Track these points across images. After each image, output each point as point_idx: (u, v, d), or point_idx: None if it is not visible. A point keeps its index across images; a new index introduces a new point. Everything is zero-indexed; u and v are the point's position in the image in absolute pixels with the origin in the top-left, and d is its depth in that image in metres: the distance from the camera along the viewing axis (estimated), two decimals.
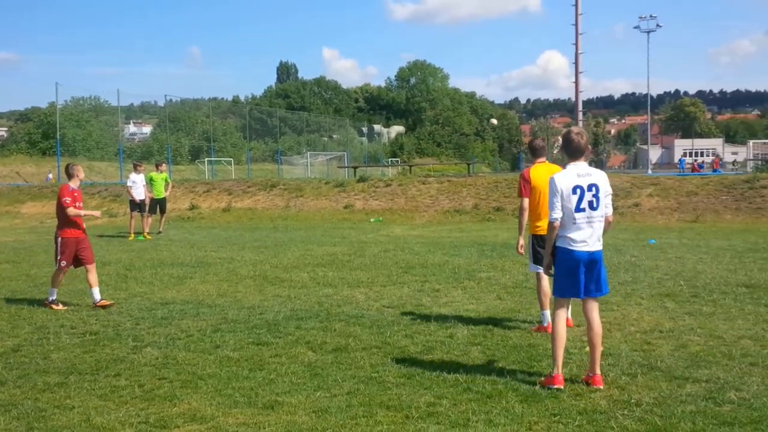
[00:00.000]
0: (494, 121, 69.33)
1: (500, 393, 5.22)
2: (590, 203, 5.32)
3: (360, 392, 5.31)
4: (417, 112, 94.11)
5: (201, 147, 56.00)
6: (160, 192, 19.27)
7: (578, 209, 5.32)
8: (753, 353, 6.17)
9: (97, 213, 10.51)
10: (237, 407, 5.05)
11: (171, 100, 59.43)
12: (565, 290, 5.48)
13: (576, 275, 5.38)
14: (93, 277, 8.99)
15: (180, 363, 6.22)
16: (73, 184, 9.16)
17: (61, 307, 8.76)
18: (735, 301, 8.52)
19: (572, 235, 5.35)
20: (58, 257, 8.98)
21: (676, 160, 70.91)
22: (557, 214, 5.37)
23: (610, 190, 5.41)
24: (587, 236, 5.33)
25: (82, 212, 9.11)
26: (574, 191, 5.31)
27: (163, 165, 21.17)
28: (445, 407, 4.94)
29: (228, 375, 5.83)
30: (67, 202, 8.93)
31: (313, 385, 5.50)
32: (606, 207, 5.38)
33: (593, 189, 5.32)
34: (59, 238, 8.99)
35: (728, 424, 4.50)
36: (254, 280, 10.85)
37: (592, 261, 5.36)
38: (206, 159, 49.89)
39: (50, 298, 8.87)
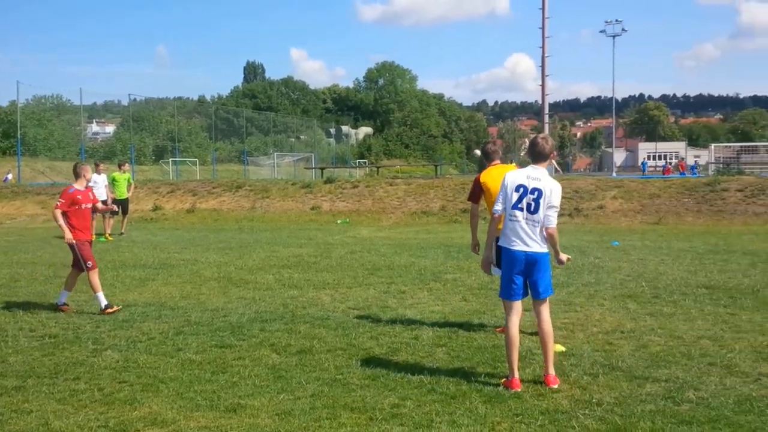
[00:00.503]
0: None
1: (464, 394, 5.24)
2: (529, 205, 5.42)
3: (324, 394, 5.29)
4: (385, 114, 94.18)
5: (165, 147, 55.26)
6: (123, 192, 18.99)
7: (515, 207, 5.45)
8: (712, 353, 6.28)
9: (68, 236, 8.63)
10: (199, 410, 4.99)
11: (135, 99, 58.44)
12: (505, 291, 5.56)
13: (512, 274, 5.47)
14: (74, 281, 8.77)
15: (141, 366, 6.12)
16: (79, 185, 8.85)
17: (116, 308, 8.45)
18: (695, 302, 8.66)
19: (508, 232, 5.50)
20: (83, 261, 8.61)
21: (640, 163, 71.92)
22: (498, 207, 5.58)
23: (555, 204, 5.41)
24: (522, 236, 5.42)
25: (60, 221, 8.59)
26: (517, 189, 5.46)
27: (126, 165, 20.92)
28: (409, 408, 4.94)
29: (190, 378, 5.75)
30: (58, 204, 8.66)
31: (277, 388, 5.46)
32: (548, 218, 5.40)
33: (535, 193, 5.41)
34: (74, 241, 8.66)
35: (687, 423, 4.57)
36: (218, 281, 10.75)
37: (531, 262, 5.43)
38: (170, 159, 49.26)
39: (102, 305, 8.46)
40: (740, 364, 5.91)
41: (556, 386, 5.34)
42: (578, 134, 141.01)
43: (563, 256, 5.62)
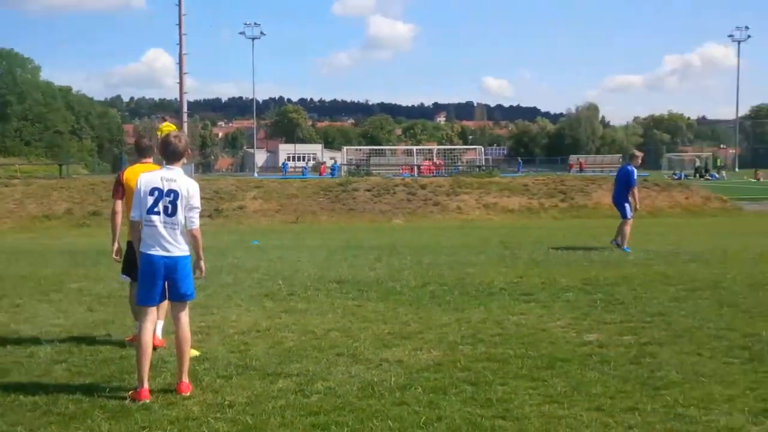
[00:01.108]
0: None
1: (85, 412, 4.73)
2: (166, 208, 5.18)
3: None
4: (2, 107, 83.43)
5: None
6: None
7: (151, 211, 5.18)
8: (340, 344, 6.60)
9: None
10: None
11: None
12: (142, 296, 5.27)
13: (152, 280, 5.20)
14: None
15: None
16: None
17: None
18: (327, 297, 9.10)
19: (146, 237, 5.22)
20: None
21: (281, 164, 74.81)
22: (135, 213, 5.28)
23: (195, 205, 5.25)
24: (161, 240, 5.17)
25: None
26: (151, 193, 5.18)
27: None
28: None
29: None
30: None
31: None
32: (190, 219, 5.22)
33: (171, 195, 5.18)
34: None
35: (314, 414, 4.68)
36: None
37: (171, 266, 5.20)
38: None
39: None
40: (365, 352, 6.30)
41: (188, 393, 5.12)
42: (220, 134, 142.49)
43: (202, 268, 5.45)
